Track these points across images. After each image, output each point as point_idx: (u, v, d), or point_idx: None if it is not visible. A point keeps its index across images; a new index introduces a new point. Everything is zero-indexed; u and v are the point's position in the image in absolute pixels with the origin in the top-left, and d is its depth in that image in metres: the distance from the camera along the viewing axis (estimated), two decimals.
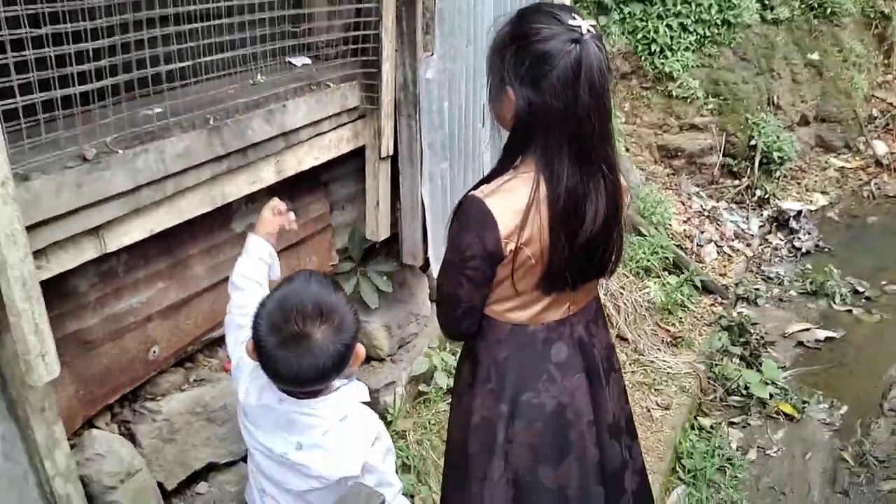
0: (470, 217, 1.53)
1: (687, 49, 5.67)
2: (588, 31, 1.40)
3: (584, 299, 1.72)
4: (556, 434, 1.73)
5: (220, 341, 2.44)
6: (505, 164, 1.57)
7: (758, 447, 3.31)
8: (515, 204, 1.49)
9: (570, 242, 1.51)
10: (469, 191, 1.57)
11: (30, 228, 1.45)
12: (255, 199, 2.31)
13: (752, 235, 5.23)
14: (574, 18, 1.41)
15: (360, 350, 1.48)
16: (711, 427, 3.35)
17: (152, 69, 1.72)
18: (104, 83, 1.56)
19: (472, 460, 1.80)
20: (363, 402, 1.56)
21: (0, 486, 1.57)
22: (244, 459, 2.33)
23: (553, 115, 1.42)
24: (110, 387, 1.97)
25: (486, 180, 1.58)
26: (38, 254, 1.50)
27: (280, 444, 1.46)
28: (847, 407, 3.57)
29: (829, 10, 6.59)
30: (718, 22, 5.75)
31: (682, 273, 4.20)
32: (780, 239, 5.28)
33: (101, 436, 1.86)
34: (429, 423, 2.79)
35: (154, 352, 2.09)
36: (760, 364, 3.71)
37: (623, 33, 5.53)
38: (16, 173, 1.41)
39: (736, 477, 3.07)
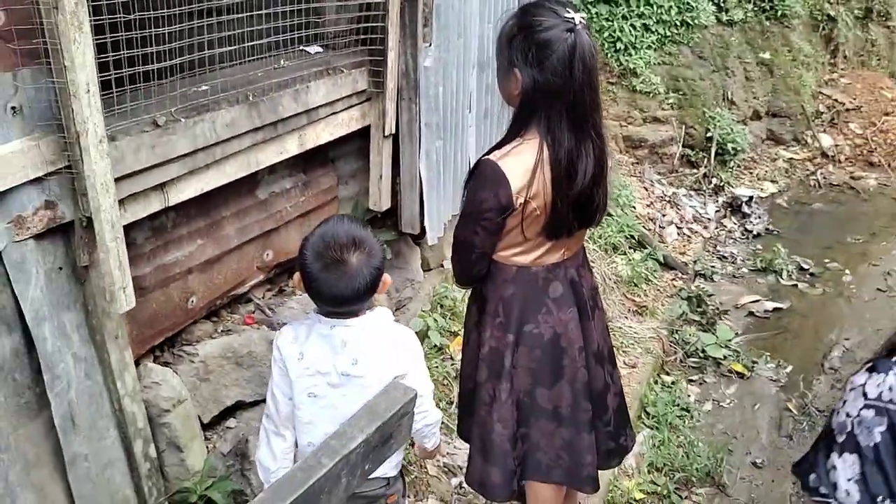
0: (486, 177, 1.85)
1: (649, 48, 6.08)
2: (580, 22, 1.74)
3: (575, 246, 2.06)
4: (553, 360, 2.07)
5: (241, 298, 2.75)
6: (512, 134, 1.90)
7: (713, 400, 3.71)
8: (524, 165, 1.83)
9: (568, 195, 1.86)
10: (482, 156, 1.90)
11: (116, 181, 1.75)
12: (276, 171, 2.62)
13: (709, 219, 5.66)
14: (568, 12, 1.76)
15: (387, 277, 1.80)
16: (672, 383, 3.74)
17: (201, 53, 2.03)
18: (172, 62, 1.86)
19: (480, 387, 2.13)
20: None
21: (82, 400, 1.86)
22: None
23: (554, 90, 1.76)
24: (157, 329, 2.26)
25: (497, 147, 1.91)
26: (119, 203, 1.79)
27: (340, 364, 1.77)
28: (792, 367, 3.99)
29: (779, 13, 7.07)
30: (678, 23, 6.18)
31: (646, 250, 4.60)
32: (734, 222, 5.72)
33: (157, 368, 2.15)
34: None
35: (192, 301, 2.39)
36: (716, 330, 4.12)
37: (591, 31, 5.91)
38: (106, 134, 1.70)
39: (694, 425, 3.47)
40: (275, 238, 2.71)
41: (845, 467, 1.14)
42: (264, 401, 2.60)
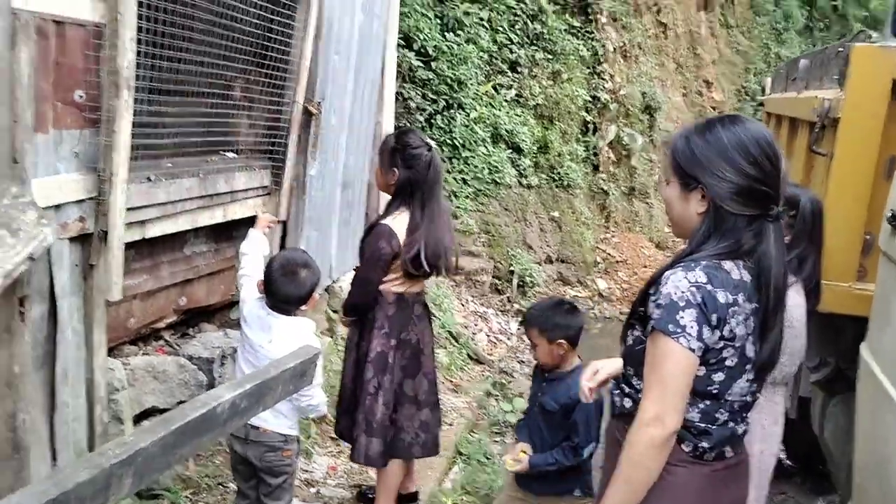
0: (384, 233, 2.96)
1: (467, 197, 7.60)
2: (433, 145, 2.97)
3: (424, 284, 3.18)
4: (415, 358, 3.11)
5: (160, 330, 3.51)
6: (391, 209, 3.04)
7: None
8: (402, 226, 2.96)
9: (420, 247, 2.98)
10: (374, 222, 3.01)
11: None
12: (198, 235, 3.52)
13: (512, 333, 6.99)
14: (425, 137, 2.97)
15: (316, 296, 2.78)
16: (479, 439, 4.78)
17: (171, 139, 3.00)
18: (160, 141, 2.82)
19: (367, 383, 3.09)
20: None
21: (72, 363, 2.58)
22: None
23: (417, 183, 2.94)
24: (109, 337, 3.00)
25: (382, 219, 3.02)
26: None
27: (259, 338, 2.67)
28: None
29: (566, 183, 9.02)
30: (489, 181, 7.81)
31: (460, 342, 5.77)
32: None
33: (111, 359, 2.89)
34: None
35: (131, 322, 3.16)
36: (513, 402, 5.27)
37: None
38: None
39: (494, 467, 4.50)
40: (189, 288, 3.55)
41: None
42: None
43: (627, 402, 2.02)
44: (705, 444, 1.91)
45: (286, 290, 2.65)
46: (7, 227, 1.55)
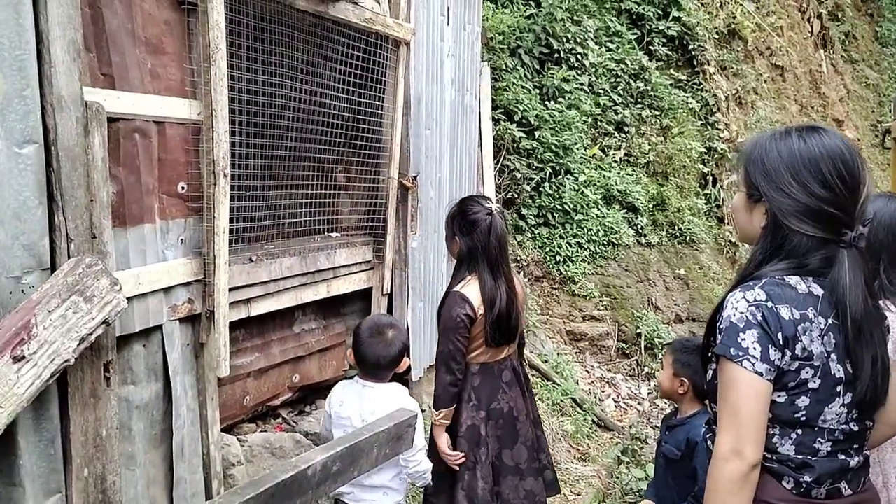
0: (457, 300, 2.92)
1: (584, 261, 7.47)
2: (496, 208, 2.93)
3: (512, 349, 3.09)
4: (511, 427, 3.01)
5: (277, 408, 3.63)
6: (459, 276, 3.00)
7: None
8: (474, 292, 2.91)
9: (490, 315, 2.91)
10: (449, 290, 2.98)
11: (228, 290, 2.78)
12: (306, 312, 3.66)
13: (643, 398, 6.66)
14: (488, 203, 2.95)
15: (406, 360, 2.79)
16: None
17: (273, 221, 3.17)
18: (259, 223, 2.99)
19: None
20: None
21: (188, 439, 2.71)
22: None
23: (478, 249, 2.90)
24: (226, 415, 3.14)
25: (451, 287, 2.99)
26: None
27: (363, 412, 2.69)
28: None
29: (688, 238, 8.68)
30: (605, 242, 7.66)
31: (585, 408, 5.55)
32: (665, 403, 6.72)
33: (227, 435, 3.01)
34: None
35: (247, 400, 3.29)
36: (646, 469, 4.97)
37: (535, 248, 7.34)
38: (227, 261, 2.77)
39: None
40: (301, 365, 3.67)
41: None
42: None
43: None
44: (808, 479, 1.72)
45: (375, 350, 2.68)
46: (81, 293, 1.68)
